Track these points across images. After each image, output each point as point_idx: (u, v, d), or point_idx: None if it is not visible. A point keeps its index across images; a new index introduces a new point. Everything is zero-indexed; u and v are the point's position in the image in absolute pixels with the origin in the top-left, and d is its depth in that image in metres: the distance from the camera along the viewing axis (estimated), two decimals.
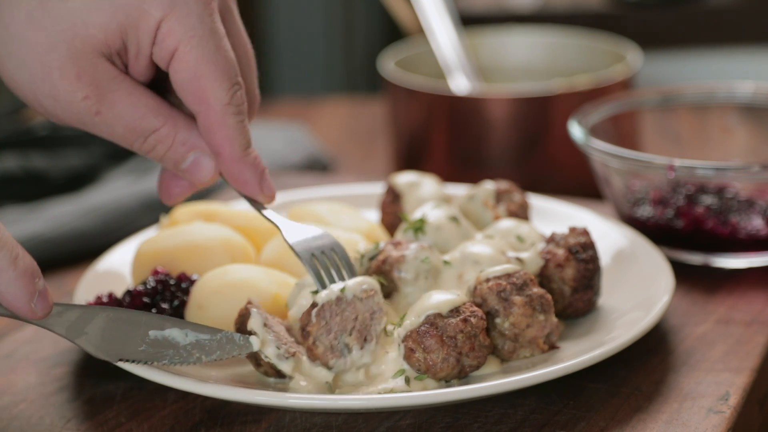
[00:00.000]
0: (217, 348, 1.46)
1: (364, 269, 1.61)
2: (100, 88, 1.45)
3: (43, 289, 1.37)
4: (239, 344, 1.46)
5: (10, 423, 1.49)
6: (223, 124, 1.48)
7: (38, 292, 1.36)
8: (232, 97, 1.48)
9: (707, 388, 1.50)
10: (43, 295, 1.37)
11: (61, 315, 1.41)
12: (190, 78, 1.46)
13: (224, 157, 1.50)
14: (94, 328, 1.43)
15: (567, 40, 2.45)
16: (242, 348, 1.46)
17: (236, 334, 1.46)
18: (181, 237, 1.67)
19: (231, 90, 1.47)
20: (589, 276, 1.60)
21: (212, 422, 1.47)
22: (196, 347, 1.45)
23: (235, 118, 1.49)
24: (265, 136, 2.43)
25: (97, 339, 1.43)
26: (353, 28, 4.87)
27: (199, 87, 1.46)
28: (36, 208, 2.09)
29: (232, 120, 1.48)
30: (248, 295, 1.56)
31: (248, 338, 1.46)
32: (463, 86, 2.34)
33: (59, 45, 1.42)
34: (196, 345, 1.45)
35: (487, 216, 1.74)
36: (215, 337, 1.46)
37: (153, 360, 1.45)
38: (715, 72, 3.68)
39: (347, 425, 1.45)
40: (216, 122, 1.48)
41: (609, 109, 1.99)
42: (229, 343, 1.46)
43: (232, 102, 1.48)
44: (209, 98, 1.47)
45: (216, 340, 1.46)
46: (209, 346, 1.46)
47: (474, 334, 1.46)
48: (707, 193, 1.83)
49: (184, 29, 1.45)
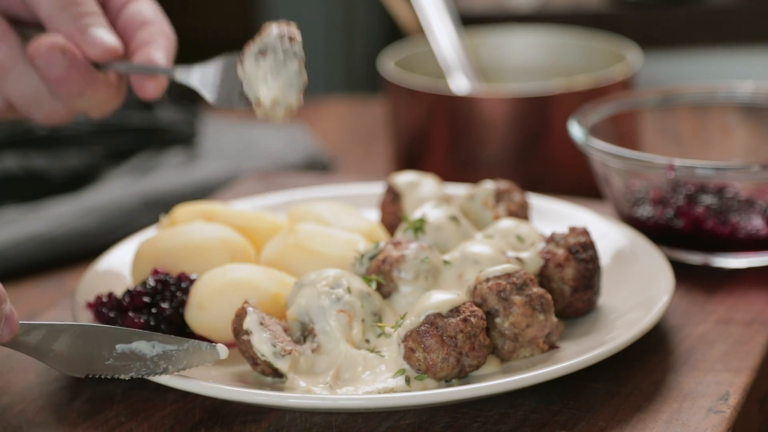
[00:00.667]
0: (184, 358, 1.46)
1: (364, 269, 1.61)
2: None
3: (9, 313, 1.38)
4: (206, 353, 1.47)
5: (10, 423, 1.49)
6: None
7: (4, 317, 1.38)
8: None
9: (707, 388, 1.50)
10: (9, 319, 1.38)
11: (27, 335, 1.42)
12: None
13: None
14: (61, 345, 1.44)
15: (567, 40, 2.45)
16: (209, 356, 1.46)
17: (203, 343, 1.47)
18: (181, 237, 1.67)
19: None
20: (589, 276, 1.60)
21: (212, 422, 1.47)
22: (163, 358, 1.46)
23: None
24: (265, 136, 2.43)
25: (64, 356, 1.44)
26: (353, 28, 4.87)
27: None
28: (36, 208, 2.09)
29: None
30: (248, 295, 1.56)
31: (215, 347, 1.47)
32: (463, 86, 2.33)
33: None
34: (163, 356, 1.46)
35: (487, 216, 1.74)
36: (182, 347, 1.46)
37: (120, 373, 1.45)
38: (715, 72, 3.67)
39: (347, 425, 1.45)
40: None
41: (609, 109, 1.99)
42: (197, 353, 1.46)
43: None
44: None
45: (183, 350, 1.46)
46: (176, 357, 1.46)
47: (474, 333, 1.46)
48: (707, 192, 1.83)
49: None
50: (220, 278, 1.59)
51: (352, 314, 1.52)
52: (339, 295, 1.53)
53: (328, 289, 1.53)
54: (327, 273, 1.55)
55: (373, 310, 1.55)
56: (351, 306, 1.52)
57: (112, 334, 1.45)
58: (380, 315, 1.56)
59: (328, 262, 1.63)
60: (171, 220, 1.77)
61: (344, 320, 1.52)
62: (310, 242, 1.65)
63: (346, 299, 1.53)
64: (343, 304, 1.52)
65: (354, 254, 1.63)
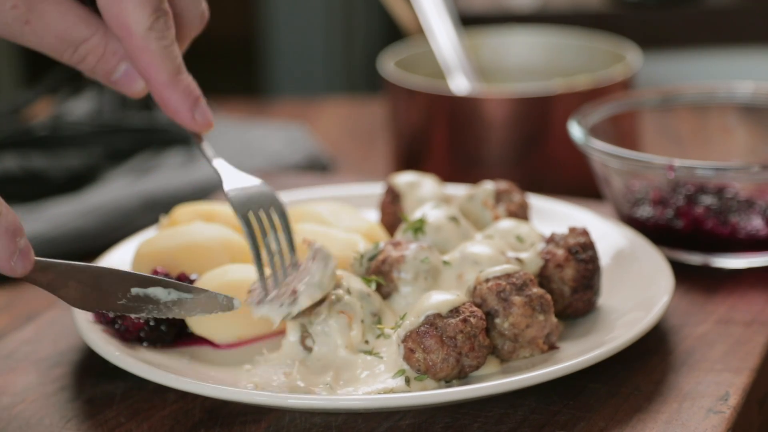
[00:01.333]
0: (198, 305, 1.47)
1: (363, 269, 1.61)
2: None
3: (25, 248, 1.37)
4: (221, 304, 1.47)
5: (10, 423, 1.49)
6: (146, 49, 1.47)
7: (19, 250, 1.36)
8: (153, 22, 1.46)
9: (707, 388, 1.50)
10: (24, 253, 1.37)
11: (44, 270, 1.41)
12: (112, 2, 1.45)
13: (152, 83, 1.49)
14: (75, 283, 1.43)
15: (567, 40, 2.45)
16: (224, 307, 1.47)
17: (220, 295, 1.47)
18: (181, 237, 1.67)
19: (153, 16, 1.46)
20: (588, 276, 1.60)
21: (212, 422, 1.47)
22: (177, 304, 1.46)
23: (158, 43, 1.47)
24: (265, 136, 2.43)
25: (77, 292, 1.43)
26: (353, 28, 4.87)
27: (119, 11, 1.45)
28: (36, 208, 2.09)
29: (154, 45, 1.47)
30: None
31: (231, 299, 1.47)
32: (463, 86, 2.34)
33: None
34: (177, 302, 1.46)
35: (486, 216, 1.74)
36: (198, 296, 1.47)
37: (131, 312, 1.45)
38: (715, 72, 3.68)
39: (347, 425, 1.45)
40: (138, 48, 1.47)
41: (609, 109, 1.99)
42: (211, 302, 1.47)
43: (154, 27, 1.46)
44: (129, 23, 1.45)
45: (198, 299, 1.47)
46: (190, 304, 1.46)
47: (473, 334, 1.46)
48: (707, 193, 1.83)
49: None
50: (220, 278, 1.59)
51: (351, 315, 1.52)
52: (338, 295, 1.53)
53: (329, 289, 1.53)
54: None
55: (373, 310, 1.55)
56: (350, 307, 1.52)
57: (128, 278, 1.45)
58: (380, 315, 1.56)
59: None
60: (171, 220, 1.77)
61: (344, 321, 1.52)
62: None
63: (346, 300, 1.52)
64: (343, 305, 1.52)
65: (354, 255, 1.63)
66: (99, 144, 2.26)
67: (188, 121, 1.52)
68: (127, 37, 1.46)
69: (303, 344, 1.53)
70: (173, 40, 1.49)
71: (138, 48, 1.47)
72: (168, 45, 1.48)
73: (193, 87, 1.51)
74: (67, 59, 1.48)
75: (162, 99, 1.51)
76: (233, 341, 1.57)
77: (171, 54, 1.49)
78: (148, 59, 1.48)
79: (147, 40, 1.46)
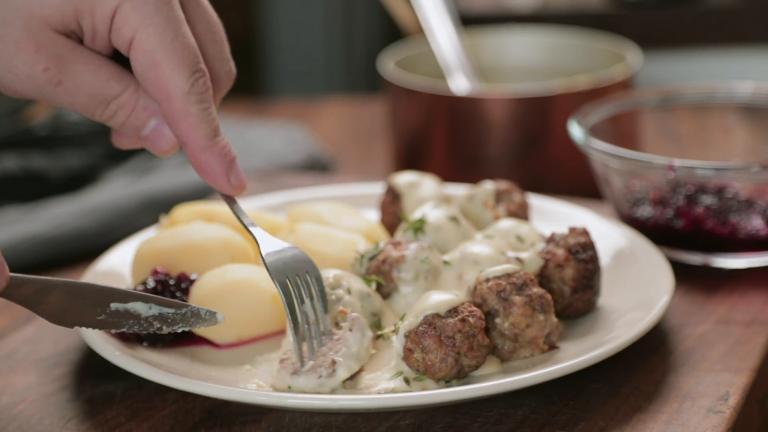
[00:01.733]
0: (180, 320, 1.46)
1: (363, 269, 1.61)
2: (60, 59, 1.42)
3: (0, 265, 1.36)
4: (204, 319, 1.46)
5: (10, 423, 1.49)
6: (185, 113, 1.44)
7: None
8: (192, 85, 1.44)
9: (707, 388, 1.50)
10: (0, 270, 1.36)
11: (19, 287, 1.39)
12: (148, 67, 1.42)
13: (189, 147, 1.46)
14: (54, 299, 1.41)
15: (567, 40, 2.45)
16: (207, 322, 1.46)
17: (203, 309, 1.46)
18: (181, 237, 1.67)
19: (192, 78, 1.44)
20: (588, 276, 1.60)
21: (212, 422, 1.47)
22: (158, 319, 1.45)
23: (198, 106, 1.44)
24: (265, 136, 2.43)
25: (55, 308, 1.41)
26: (353, 28, 4.87)
27: (157, 76, 1.43)
28: (36, 208, 2.09)
29: (194, 108, 1.44)
30: (248, 295, 1.56)
31: (214, 313, 1.46)
32: (463, 86, 2.34)
33: (14, 21, 1.40)
34: (158, 317, 1.45)
35: (486, 216, 1.74)
36: (180, 311, 1.46)
37: (111, 328, 1.43)
38: (715, 72, 3.67)
39: (347, 425, 1.45)
40: (178, 111, 1.44)
41: (609, 109, 1.99)
42: (194, 317, 1.46)
43: (192, 90, 1.44)
44: (168, 87, 1.43)
45: (180, 314, 1.46)
46: (172, 319, 1.45)
47: (472, 334, 1.46)
48: (707, 193, 1.83)
49: (140, 17, 1.41)
50: (219, 278, 1.59)
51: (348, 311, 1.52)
52: (339, 295, 1.53)
53: (329, 290, 1.53)
54: (327, 274, 1.55)
55: (373, 310, 1.55)
56: (351, 307, 1.52)
57: (107, 293, 1.43)
58: (380, 315, 1.56)
59: (328, 262, 1.63)
60: (171, 220, 1.77)
61: (358, 333, 1.52)
62: (310, 242, 1.65)
63: (346, 300, 1.52)
64: (343, 305, 1.52)
65: (354, 255, 1.63)
66: (99, 144, 2.26)
67: (224, 185, 1.49)
68: (166, 101, 1.44)
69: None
70: (211, 102, 1.46)
71: (177, 111, 1.44)
72: (207, 107, 1.45)
73: (228, 149, 1.48)
74: (98, 116, 1.46)
75: (198, 162, 1.47)
76: (233, 341, 1.57)
77: (210, 116, 1.46)
78: (187, 123, 1.44)
79: (186, 104, 1.44)
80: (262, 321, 1.58)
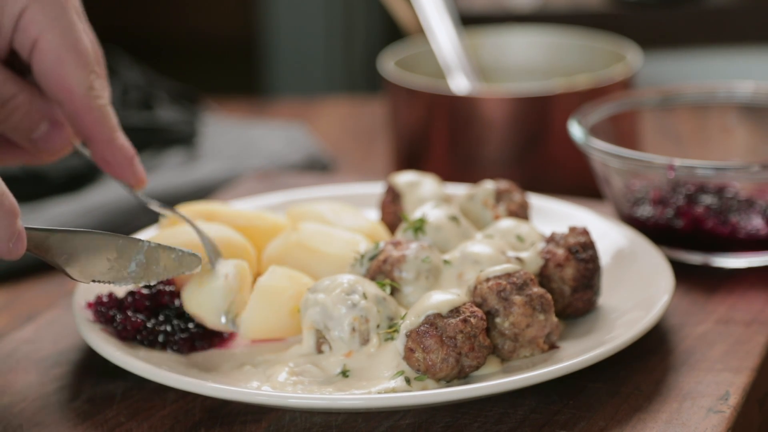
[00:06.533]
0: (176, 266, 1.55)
1: (363, 269, 1.61)
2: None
3: (21, 230, 1.40)
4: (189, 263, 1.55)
5: (10, 423, 1.49)
6: (88, 108, 1.54)
7: (17, 232, 1.39)
8: (93, 82, 1.54)
9: (707, 388, 1.50)
10: (21, 236, 1.40)
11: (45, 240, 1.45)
12: (53, 65, 1.52)
13: (95, 141, 1.56)
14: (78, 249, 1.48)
15: (567, 40, 2.45)
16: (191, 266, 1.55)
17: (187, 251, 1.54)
18: (181, 237, 1.67)
19: (91, 76, 1.53)
20: (589, 276, 1.60)
21: (212, 422, 1.47)
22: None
23: (99, 101, 1.55)
24: (265, 136, 2.43)
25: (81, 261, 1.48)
26: (353, 28, 4.87)
27: (61, 74, 1.52)
28: (36, 208, 2.09)
29: (95, 104, 1.54)
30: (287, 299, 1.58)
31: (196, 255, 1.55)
32: (463, 86, 2.34)
33: None
34: None
35: (487, 216, 1.74)
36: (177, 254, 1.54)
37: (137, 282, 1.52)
38: (715, 72, 3.67)
39: (347, 425, 1.45)
40: (81, 107, 1.54)
41: (609, 109, 1.99)
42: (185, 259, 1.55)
43: (94, 86, 1.54)
44: (72, 84, 1.53)
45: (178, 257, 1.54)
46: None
47: (474, 334, 1.46)
48: (707, 192, 1.83)
49: (47, 19, 1.51)
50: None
51: (369, 320, 1.52)
52: (355, 301, 1.52)
53: (344, 295, 1.52)
54: (341, 279, 1.54)
55: (389, 314, 1.54)
56: (367, 311, 1.52)
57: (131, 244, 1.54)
58: (396, 319, 1.55)
59: (329, 261, 1.63)
60: (171, 220, 1.77)
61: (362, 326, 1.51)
62: (312, 241, 1.65)
63: (362, 305, 1.52)
64: (359, 310, 1.51)
65: (354, 254, 1.63)
66: None
67: (130, 176, 1.60)
68: (69, 98, 1.54)
69: (318, 349, 1.53)
70: (108, 100, 1.57)
71: (81, 107, 1.54)
72: (106, 104, 1.56)
73: (128, 145, 1.59)
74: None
75: (103, 156, 1.58)
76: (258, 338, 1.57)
77: (111, 113, 1.57)
78: (91, 117, 1.55)
79: (89, 99, 1.54)
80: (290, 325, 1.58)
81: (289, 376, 1.49)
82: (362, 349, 1.50)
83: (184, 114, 2.40)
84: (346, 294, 1.52)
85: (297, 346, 1.54)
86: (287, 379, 1.48)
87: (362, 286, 1.53)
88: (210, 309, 1.57)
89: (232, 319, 1.58)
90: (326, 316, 1.51)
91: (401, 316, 1.51)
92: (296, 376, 1.49)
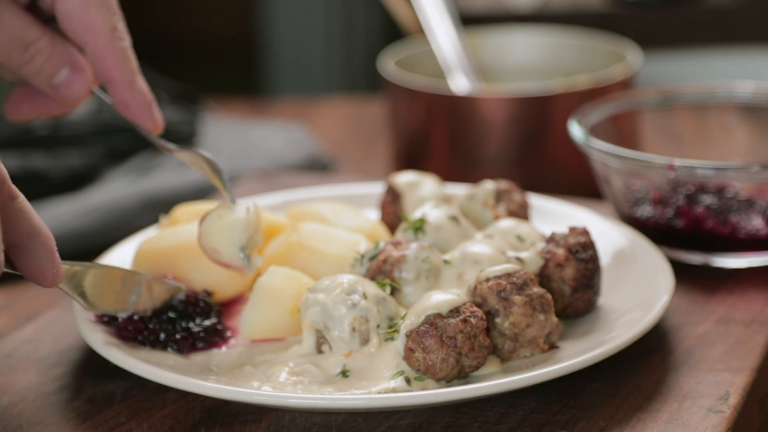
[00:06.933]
0: None
1: (363, 269, 1.61)
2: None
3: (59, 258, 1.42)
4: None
5: (10, 423, 1.49)
6: (112, 48, 1.56)
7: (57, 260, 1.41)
8: (116, 24, 1.56)
9: (707, 388, 1.50)
10: (59, 264, 1.41)
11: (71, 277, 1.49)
12: (78, 5, 1.54)
13: (117, 83, 1.58)
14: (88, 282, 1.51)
15: (567, 40, 2.45)
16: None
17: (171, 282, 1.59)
18: (181, 237, 1.67)
19: (114, 18, 1.56)
20: (589, 276, 1.60)
21: (212, 422, 1.47)
22: None
23: (122, 43, 1.57)
24: (265, 136, 2.43)
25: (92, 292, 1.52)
26: (353, 28, 4.87)
27: (86, 14, 1.54)
28: (36, 208, 2.08)
29: (119, 45, 1.56)
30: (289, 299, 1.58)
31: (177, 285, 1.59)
32: (463, 86, 2.34)
33: None
34: None
35: (487, 216, 1.74)
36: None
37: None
38: (715, 72, 3.67)
39: (347, 425, 1.45)
40: (105, 47, 1.56)
41: (609, 109, 1.99)
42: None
43: (117, 27, 1.56)
44: (97, 25, 1.55)
45: None
46: None
47: (474, 334, 1.46)
48: (707, 192, 1.83)
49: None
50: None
51: (369, 320, 1.52)
52: (355, 301, 1.52)
53: (344, 295, 1.52)
54: (341, 279, 1.54)
55: (389, 314, 1.54)
56: (367, 311, 1.52)
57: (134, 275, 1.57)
58: (396, 319, 1.55)
59: (329, 261, 1.63)
60: (171, 220, 1.77)
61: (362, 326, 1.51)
62: (312, 241, 1.65)
63: (362, 305, 1.52)
64: (360, 310, 1.51)
65: (354, 254, 1.63)
66: (99, 144, 2.26)
67: (147, 120, 1.61)
68: (93, 39, 1.55)
69: (318, 349, 1.53)
70: (130, 44, 1.58)
71: (104, 48, 1.56)
72: (128, 46, 1.58)
73: (147, 89, 1.61)
74: (16, 59, 1.55)
75: (123, 99, 1.59)
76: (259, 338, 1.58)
77: (132, 55, 1.58)
78: (113, 59, 1.56)
79: (113, 40, 1.56)
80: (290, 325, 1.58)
81: (289, 376, 1.49)
82: (362, 349, 1.51)
83: (184, 114, 2.40)
84: (346, 294, 1.52)
85: (297, 346, 1.54)
86: (287, 379, 1.49)
87: (362, 286, 1.53)
88: (229, 241, 1.59)
89: (248, 255, 1.59)
90: (326, 316, 1.51)
91: (401, 316, 1.51)
92: (296, 376, 1.49)
